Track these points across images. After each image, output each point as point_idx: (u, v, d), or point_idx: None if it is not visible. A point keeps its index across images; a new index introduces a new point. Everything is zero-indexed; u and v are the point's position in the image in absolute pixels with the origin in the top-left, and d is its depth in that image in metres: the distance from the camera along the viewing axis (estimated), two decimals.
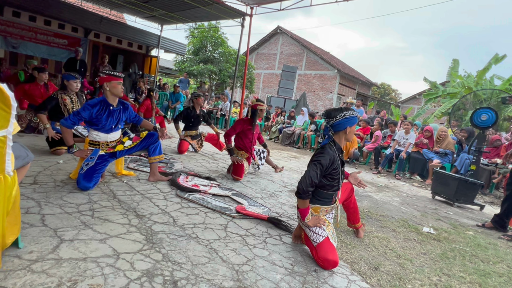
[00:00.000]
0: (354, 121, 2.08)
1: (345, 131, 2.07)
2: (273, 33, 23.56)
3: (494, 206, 4.86)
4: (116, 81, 2.81)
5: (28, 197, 2.30)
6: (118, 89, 2.83)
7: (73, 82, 3.95)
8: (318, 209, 2.10)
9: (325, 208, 2.12)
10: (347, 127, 2.06)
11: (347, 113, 2.06)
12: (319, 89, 21.19)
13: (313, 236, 2.04)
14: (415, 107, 21.11)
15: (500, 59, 12.10)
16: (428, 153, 6.10)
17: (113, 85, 2.80)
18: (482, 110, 4.54)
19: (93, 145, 2.84)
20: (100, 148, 2.84)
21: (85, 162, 2.69)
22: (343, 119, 2.05)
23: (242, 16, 7.19)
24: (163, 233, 2.06)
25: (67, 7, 9.09)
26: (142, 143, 3.11)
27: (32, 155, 1.78)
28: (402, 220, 3.28)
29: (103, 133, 2.85)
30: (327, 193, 2.09)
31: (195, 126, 5.18)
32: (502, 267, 2.43)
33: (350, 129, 2.08)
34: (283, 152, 7.44)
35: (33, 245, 1.68)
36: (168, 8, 8.38)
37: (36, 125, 4.70)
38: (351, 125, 2.07)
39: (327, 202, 2.11)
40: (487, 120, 4.43)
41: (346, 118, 2.05)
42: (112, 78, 2.79)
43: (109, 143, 2.90)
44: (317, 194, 2.09)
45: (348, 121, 2.05)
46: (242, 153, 4.00)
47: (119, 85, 2.83)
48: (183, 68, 16.48)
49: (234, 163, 3.83)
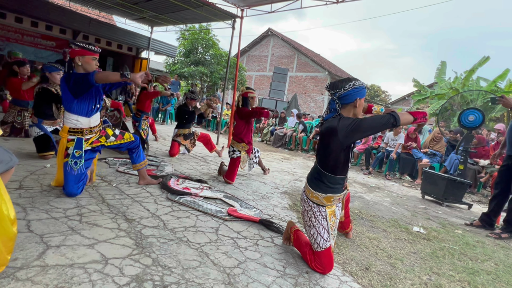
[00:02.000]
0: (364, 92, 1.87)
1: (354, 103, 1.85)
2: (264, 35, 23.66)
3: (482, 205, 4.95)
4: (91, 56, 2.46)
5: (13, 203, 2.22)
6: (92, 65, 2.48)
7: (56, 74, 3.73)
8: (331, 198, 1.93)
9: (338, 196, 1.96)
10: (356, 99, 1.84)
11: (357, 82, 1.85)
12: (310, 90, 21.34)
13: (318, 238, 1.91)
14: (404, 108, 21.44)
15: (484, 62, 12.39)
16: (417, 153, 6.19)
17: (86, 60, 2.45)
18: (469, 111, 4.64)
19: (74, 133, 2.48)
20: (83, 136, 2.51)
21: (72, 160, 2.44)
22: (352, 89, 1.83)
23: (232, 18, 7.19)
24: (153, 237, 2.03)
25: (54, 9, 8.95)
26: (124, 145, 2.92)
27: (16, 159, 1.73)
28: (392, 220, 3.31)
29: (83, 117, 2.49)
30: (339, 177, 1.91)
31: (189, 123, 5.14)
32: (490, 265, 2.47)
33: (360, 102, 1.86)
34: (275, 153, 7.45)
35: (18, 252, 1.63)
36: (158, 10, 8.33)
37: (20, 126, 4.53)
38: (361, 96, 1.85)
39: (339, 189, 1.95)
40: (474, 121, 4.52)
41: (356, 88, 1.83)
42: (87, 52, 2.44)
43: (92, 128, 2.57)
44: (329, 180, 1.90)
45: (359, 91, 1.84)
46: (243, 145, 3.97)
47: (93, 61, 2.49)
48: (174, 70, 16.39)
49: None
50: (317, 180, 1.95)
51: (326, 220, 1.93)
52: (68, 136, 2.49)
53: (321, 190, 1.92)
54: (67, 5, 10.10)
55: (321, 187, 1.92)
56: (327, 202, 1.94)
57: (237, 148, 3.96)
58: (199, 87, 17.69)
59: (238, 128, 4.00)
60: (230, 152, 4.01)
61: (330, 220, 1.95)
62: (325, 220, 1.93)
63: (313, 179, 1.97)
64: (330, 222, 1.95)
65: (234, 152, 3.95)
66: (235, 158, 3.89)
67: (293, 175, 5.01)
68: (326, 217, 1.94)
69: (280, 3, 6.64)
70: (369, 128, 1.78)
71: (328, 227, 1.93)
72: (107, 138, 2.76)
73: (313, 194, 1.95)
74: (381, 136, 7.10)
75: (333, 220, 1.97)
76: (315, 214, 1.95)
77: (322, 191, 1.92)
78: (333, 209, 1.98)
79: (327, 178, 1.90)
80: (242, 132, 3.97)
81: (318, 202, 1.94)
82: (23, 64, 4.69)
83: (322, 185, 1.92)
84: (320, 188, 1.92)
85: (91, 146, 2.61)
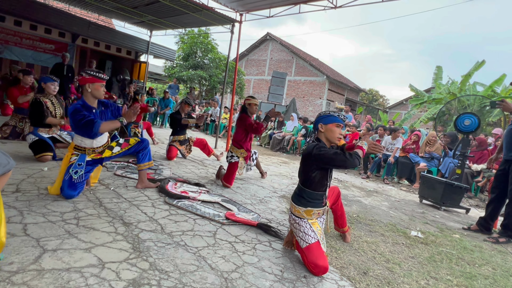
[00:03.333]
0: (330, 119, 2.11)
1: (320, 128, 2.14)
2: (263, 39, 23.77)
3: (479, 209, 4.97)
4: (100, 83, 2.67)
5: (10, 206, 2.22)
6: (100, 92, 2.69)
7: (51, 85, 3.89)
8: (311, 212, 2.09)
9: (317, 210, 2.10)
10: (319, 124, 2.14)
11: (322, 112, 2.20)
12: (309, 95, 21.41)
13: (304, 237, 2.03)
14: (402, 113, 21.53)
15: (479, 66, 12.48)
16: (414, 157, 6.22)
17: (96, 87, 2.65)
18: (465, 115, 4.67)
19: (78, 150, 2.69)
20: (86, 154, 2.71)
21: (73, 170, 2.57)
22: (317, 118, 2.18)
23: (231, 23, 7.23)
24: (150, 241, 2.02)
25: (54, 12, 8.96)
26: (131, 149, 3.03)
27: (14, 162, 1.73)
28: (390, 224, 3.31)
29: (88, 139, 2.68)
30: (318, 193, 2.09)
31: (183, 130, 5.15)
32: (488, 269, 2.47)
33: (325, 127, 2.11)
34: (273, 157, 7.45)
35: (14, 256, 1.62)
36: (157, 14, 8.36)
37: (21, 131, 4.59)
38: (324, 122, 2.12)
39: (318, 204, 2.10)
40: (470, 125, 4.55)
41: (320, 116, 2.17)
42: (96, 80, 2.65)
43: (95, 148, 2.76)
44: (308, 195, 2.08)
45: (322, 118, 2.15)
46: (241, 151, 3.98)
47: (101, 88, 2.69)
48: (173, 74, 16.42)
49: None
50: (298, 195, 2.14)
51: (310, 225, 2.09)
52: (74, 151, 2.70)
53: (301, 204, 2.10)
54: (66, 9, 10.14)
55: (301, 202, 2.11)
56: (307, 216, 2.10)
57: (235, 154, 3.97)
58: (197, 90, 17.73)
59: (238, 135, 4.02)
60: (228, 157, 4.01)
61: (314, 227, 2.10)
62: (309, 225, 2.08)
63: (295, 195, 2.17)
64: (314, 228, 2.09)
65: (232, 157, 3.96)
66: (233, 163, 3.89)
67: (291, 179, 5.02)
68: (310, 224, 2.09)
69: (279, 8, 6.69)
70: (328, 161, 1.98)
71: (313, 228, 2.07)
72: (111, 150, 2.91)
73: (296, 208, 2.12)
74: (379, 141, 7.12)
75: (318, 229, 2.10)
76: (299, 223, 2.11)
77: (303, 205, 2.10)
78: (314, 221, 2.12)
79: (306, 193, 2.10)
80: (241, 139, 4.00)
81: (299, 215, 2.11)
82: (28, 73, 4.77)
83: (303, 200, 2.10)
84: (301, 202, 2.11)
85: (92, 158, 2.76)
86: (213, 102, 11.62)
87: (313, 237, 2.02)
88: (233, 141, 4.06)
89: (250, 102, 4.02)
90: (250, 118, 3.97)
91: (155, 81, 22.26)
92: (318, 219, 2.16)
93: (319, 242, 2.02)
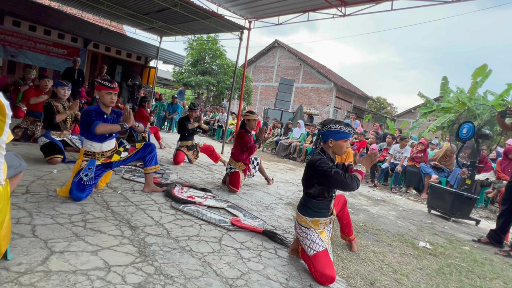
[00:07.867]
0: (341, 136, 2.05)
1: (327, 143, 2.08)
2: (271, 46, 23.95)
3: (490, 221, 4.86)
4: (105, 91, 2.74)
5: (20, 207, 2.26)
6: (107, 99, 2.76)
7: (61, 89, 4.02)
8: (318, 222, 2.07)
9: (324, 220, 2.09)
10: (330, 139, 2.07)
11: (334, 126, 2.06)
12: (316, 102, 21.39)
13: (311, 245, 2.02)
14: (410, 121, 21.33)
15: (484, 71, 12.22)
16: (425, 168, 6.12)
17: (102, 94, 2.75)
18: (464, 124, 4.64)
19: (88, 155, 2.77)
20: (96, 159, 2.78)
21: (84, 173, 2.63)
22: (327, 131, 2.08)
23: (240, 30, 7.30)
24: (156, 246, 2.03)
25: (67, 18, 9.18)
26: (138, 153, 3.08)
27: (25, 164, 1.77)
28: (398, 234, 3.26)
29: (97, 143, 2.76)
30: (323, 203, 2.08)
31: (190, 136, 5.19)
32: (499, 283, 2.41)
33: (335, 143, 2.06)
34: (280, 164, 7.43)
35: (22, 256, 1.64)
36: (168, 21, 8.50)
37: (32, 133, 4.69)
38: (335, 138, 2.05)
39: (324, 214, 2.10)
40: (467, 133, 4.51)
41: (330, 130, 2.06)
42: (102, 87, 2.74)
43: (104, 153, 2.84)
44: (314, 206, 2.07)
45: (332, 134, 2.06)
46: (240, 164, 4.00)
47: (108, 95, 2.76)
48: (181, 79, 16.61)
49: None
50: (304, 206, 2.12)
51: (317, 233, 2.07)
52: (84, 157, 2.77)
53: (308, 214, 2.09)
54: (79, 15, 10.38)
55: (308, 212, 2.09)
56: (314, 225, 2.08)
57: (234, 167, 4.00)
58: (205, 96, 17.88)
59: (236, 150, 4.07)
60: (227, 169, 4.05)
61: (322, 236, 2.08)
62: (317, 233, 2.07)
63: (301, 205, 2.15)
64: (322, 237, 2.07)
65: (231, 169, 4.00)
66: (234, 171, 3.92)
67: (298, 186, 4.99)
68: (318, 233, 2.07)
69: (288, 15, 6.74)
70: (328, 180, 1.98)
71: (320, 236, 2.05)
72: (119, 154, 2.98)
73: (302, 219, 2.12)
74: (387, 149, 7.05)
75: (326, 238, 2.08)
76: (306, 232, 2.09)
77: (309, 215, 2.09)
78: (322, 231, 2.11)
79: (312, 203, 2.09)
80: (239, 154, 4.05)
81: (306, 225, 2.10)
82: (42, 77, 4.90)
83: (309, 210, 2.09)
84: (307, 212, 2.10)
85: (102, 162, 2.83)
86: (221, 108, 11.68)
87: (321, 245, 2.01)
88: (232, 155, 4.10)
89: (249, 118, 4.07)
90: (247, 135, 4.02)
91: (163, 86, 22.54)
92: (325, 228, 2.15)
93: (327, 251, 2.00)
